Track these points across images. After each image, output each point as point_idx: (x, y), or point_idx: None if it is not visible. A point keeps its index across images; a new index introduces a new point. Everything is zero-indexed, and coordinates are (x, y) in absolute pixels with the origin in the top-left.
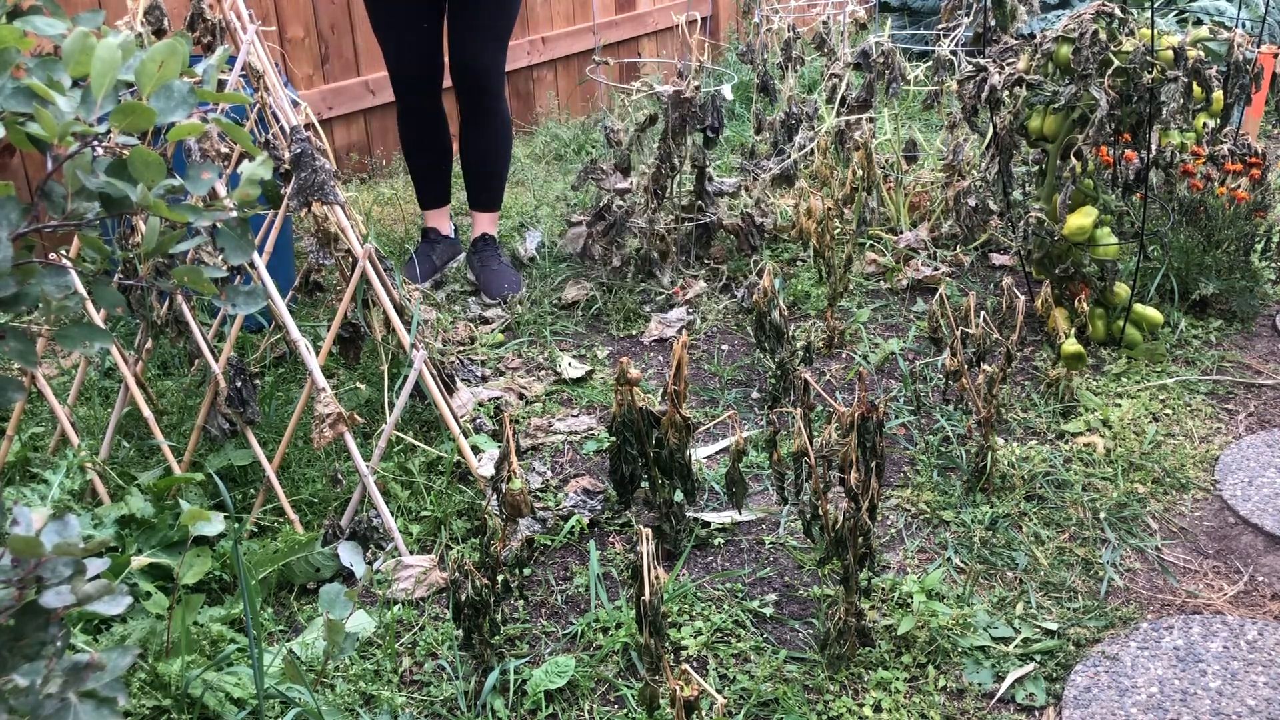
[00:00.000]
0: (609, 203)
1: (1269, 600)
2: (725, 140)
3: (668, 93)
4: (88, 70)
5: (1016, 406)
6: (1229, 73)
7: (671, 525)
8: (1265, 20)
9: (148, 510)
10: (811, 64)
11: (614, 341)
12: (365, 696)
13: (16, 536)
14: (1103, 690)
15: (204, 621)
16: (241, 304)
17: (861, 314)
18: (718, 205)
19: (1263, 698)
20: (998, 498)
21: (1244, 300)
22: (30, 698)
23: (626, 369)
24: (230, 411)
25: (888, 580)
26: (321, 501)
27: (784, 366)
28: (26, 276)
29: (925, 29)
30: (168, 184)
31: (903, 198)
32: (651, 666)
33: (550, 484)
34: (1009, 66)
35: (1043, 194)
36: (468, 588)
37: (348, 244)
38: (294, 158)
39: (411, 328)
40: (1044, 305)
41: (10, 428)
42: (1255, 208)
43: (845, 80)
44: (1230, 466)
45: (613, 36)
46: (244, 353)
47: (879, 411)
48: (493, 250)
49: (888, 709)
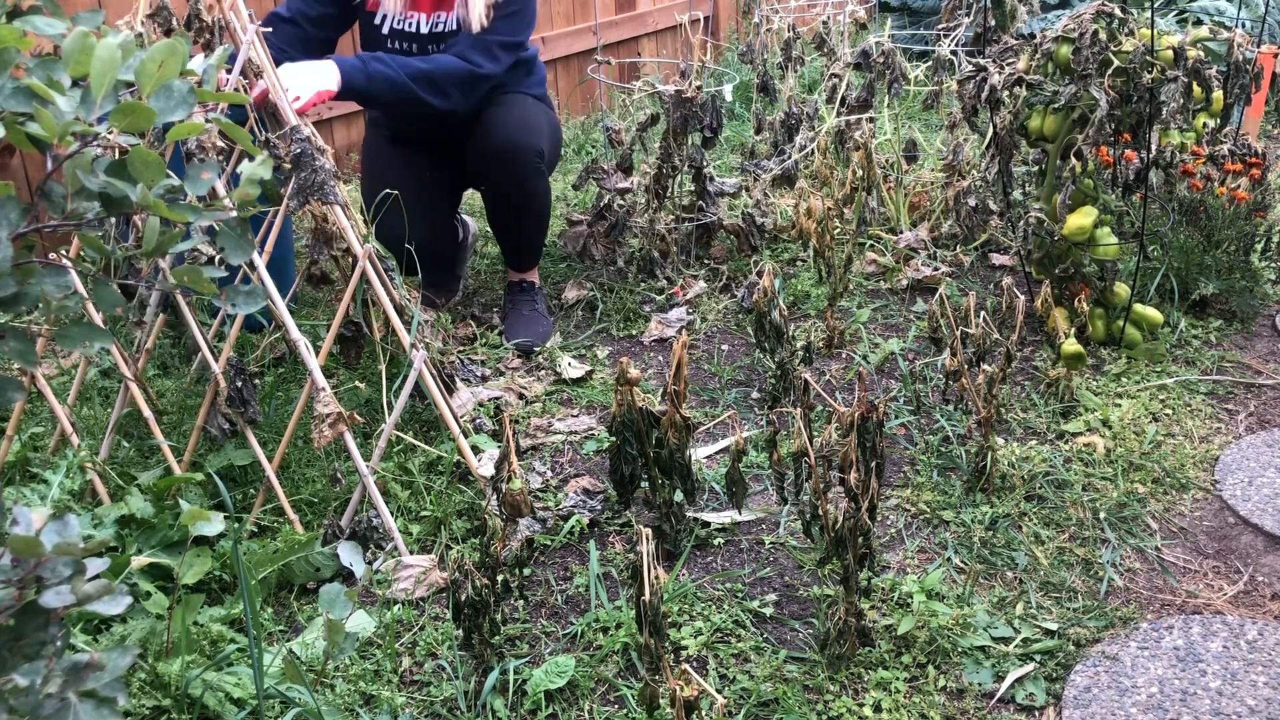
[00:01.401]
0: (610, 202)
1: (1269, 600)
2: (725, 140)
3: (669, 92)
4: (87, 70)
5: (1016, 406)
6: (1229, 73)
7: (671, 525)
8: (1265, 20)
9: (148, 510)
10: (811, 64)
11: (614, 341)
12: (365, 696)
13: (16, 536)
14: (1103, 690)
15: (204, 621)
16: (241, 304)
17: (861, 314)
18: (718, 205)
19: (1263, 698)
20: (998, 498)
21: (1244, 300)
22: (30, 698)
23: (626, 369)
24: (230, 411)
25: (888, 580)
26: (321, 501)
27: (784, 366)
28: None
29: (925, 29)
30: (167, 184)
31: (903, 198)
32: (651, 666)
33: (550, 484)
34: (1009, 66)
35: (1043, 194)
36: (468, 588)
37: (347, 244)
38: (294, 157)
39: (411, 328)
40: (1044, 305)
41: (10, 428)
42: (1255, 208)
43: (845, 80)
44: (1230, 466)
45: (613, 36)
46: (244, 353)
47: (879, 411)
48: (529, 296)
49: (888, 709)
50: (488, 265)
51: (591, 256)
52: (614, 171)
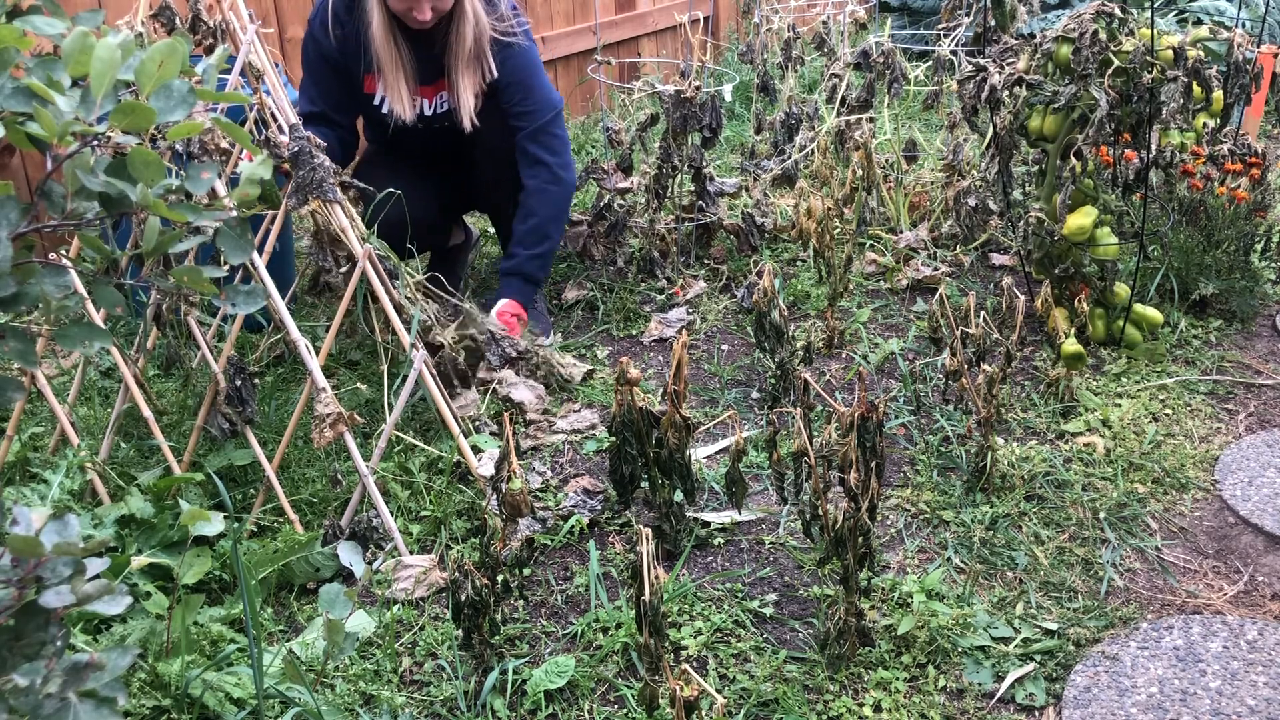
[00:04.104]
0: (610, 202)
1: (1269, 600)
2: (725, 140)
3: (669, 92)
4: (87, 70)
5: (1016, 406)
6: (1229, 73)
7: (671, 525)
8: (1265, 20)
9: (148, 510)
10: (811, 64)
11: (614, 341)
12: (365, 696)
13: (16, 536)
14: (1103, 690)
15: (204, 621)
16: (241, 303)
17: (861, 314)
18: (718, 205)
19: (1263, 698)
20: (998, 498)
21: (1244, 300)
22: (30, 697)
23: (626, 369)
24: (230, 411)
25: (888, 580)
26: (321, 501)
27: (784, 366)
28: (26, 276)
29: (925, 29)
30: (167, 184)
31: (903, 198)
32: (651, 666)
33: (550, 484)
34: (1009, 66)
35: (1043, 194)
36: (468, 588)
37: (347, 244)
38: (292, 156)
39: (412, 328)
40: (1044, 305)
41: (10, 428)
42: (1255, 208)
43: (845, 80)
44: (1230, 466)
45: (613, 36)
46: (244, 353)
47: (879, 411)
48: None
49: (888, 709)
50: (488, 265)
51: (591, 256)
52: (614, 171)
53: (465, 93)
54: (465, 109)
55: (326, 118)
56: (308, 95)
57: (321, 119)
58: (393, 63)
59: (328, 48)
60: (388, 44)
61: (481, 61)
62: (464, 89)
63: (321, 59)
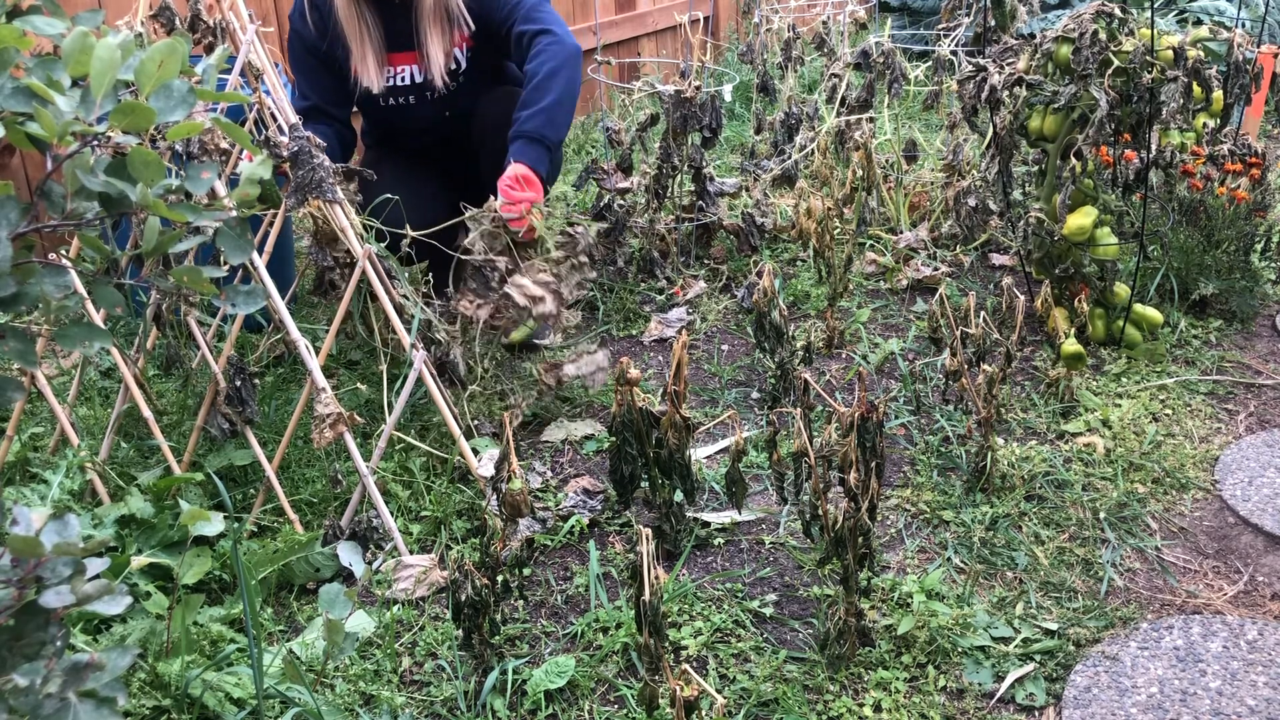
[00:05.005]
0: (610, 202)
1: (1269, 600)
2: (725, 140)
3: (669, 92)
4: (87, 70)
5: (1016, 406)
6: (1229, 73)
7: (671, 525)
8: (1265, 20)
9: (148, 510)
10: (811, 64)
11: (614, 341)
12: (365, 696)
13: (16, 536)
14: (1103, 690)
15: (204, 621)
16: (241, 303)
17: (861, 314)
18: (718, 205)
19: (1263, 698)
20: (998, 498)
21: (1244, 300)
22: (30, 697)
23: (626, 369)
24: (230, 411)
25: (888, 580)
26: (321, 501)
27: (784, 366)
28: (26, 276)
29: (925, 29)
30: (167, 184)
31: (903, 198)
32: (651, 666)
33: (550, 484)
34: (1009, 66)
35: (1043, 194)
36: (468, 588)
37: (347, 244)
38: (292, 155)
39: (412, 328)
40: (1044, 305)
41: (10, 428)
42: (1255, 208)
43: (845, 80)
44: (1230, 466)
45: (613, 36)
46: (244, 353)
47: (879, 411)
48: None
49: (888, 709)
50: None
51: (591, 256)
52: (614, 171)
53: (434, 49)
54: (435, 65)
55: (321, 110)
56: (300, 91)
57: (316, 112)
58: (357, 32)
59: (309, 38)
60: (350, 12)
61: (454, 18)
62: (432, 45)
63: (306, 52)
